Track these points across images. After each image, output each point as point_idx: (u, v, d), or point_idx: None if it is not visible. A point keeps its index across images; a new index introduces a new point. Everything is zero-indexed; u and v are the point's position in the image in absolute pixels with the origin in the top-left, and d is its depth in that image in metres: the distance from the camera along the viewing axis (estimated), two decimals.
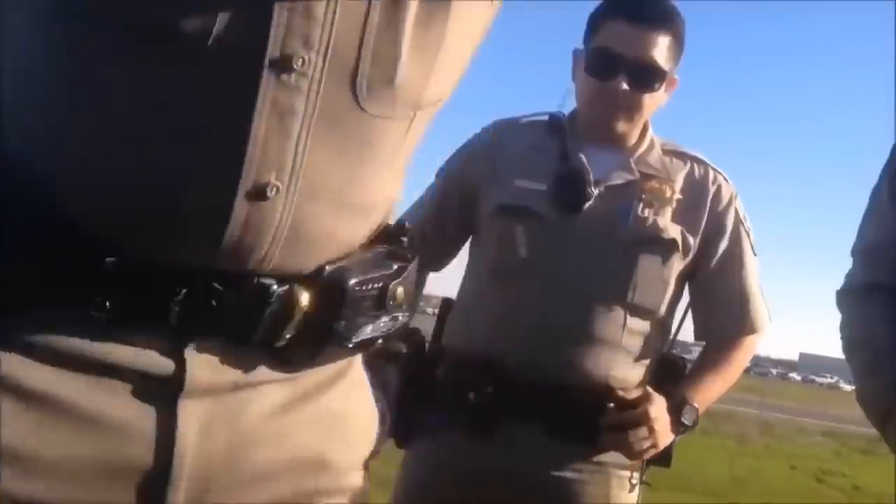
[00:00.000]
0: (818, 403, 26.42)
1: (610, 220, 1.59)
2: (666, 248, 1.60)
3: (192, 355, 0.68)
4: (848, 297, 1.55)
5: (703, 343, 1.74)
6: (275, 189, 0.65)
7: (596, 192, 1.59)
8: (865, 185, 1.60)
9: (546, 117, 1.72)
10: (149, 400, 0.67)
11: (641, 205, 1.60)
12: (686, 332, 1.74)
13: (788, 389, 38.03)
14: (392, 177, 0.78)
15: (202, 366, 0.69)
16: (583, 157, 1.62)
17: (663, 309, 1.64)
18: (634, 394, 1.57)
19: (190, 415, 0.68)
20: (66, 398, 0.65)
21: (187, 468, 0.68)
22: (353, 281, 0.74)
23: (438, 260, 1.78)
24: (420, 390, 1.62)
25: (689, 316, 1.72)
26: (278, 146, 0.65)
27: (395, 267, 0.79)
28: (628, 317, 1.58)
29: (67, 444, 0.65)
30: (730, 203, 1.68)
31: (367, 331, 0.77)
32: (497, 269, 1.63)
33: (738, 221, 1.68)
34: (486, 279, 1.66)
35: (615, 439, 1.55)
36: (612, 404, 1.55)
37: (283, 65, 0.63)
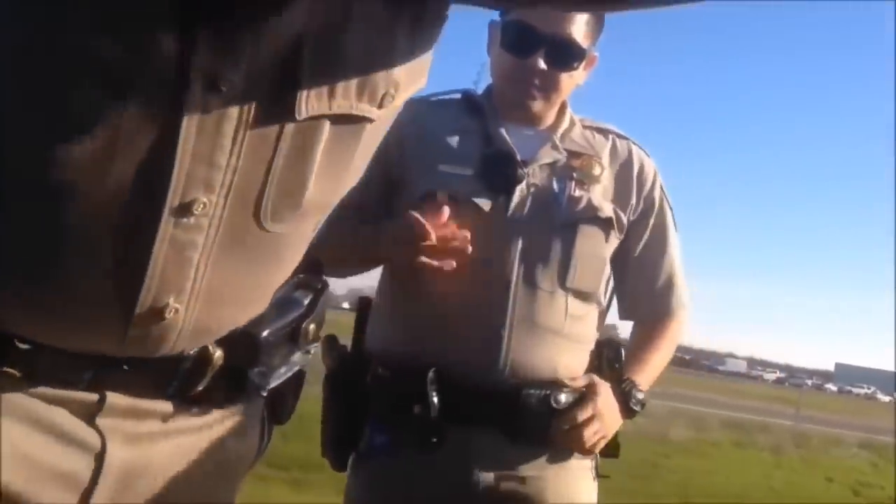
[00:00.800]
0: (855, 414, 26.00)
1: (543, 201, 1.52)
2: (602, 226, 1.56)
3: (111, 395, 0.71)
4: None
5: (625, 322, 1.70)
6: (173, 310, 0.67)
7: (527, 172, 1.52)
8: None
9: (459, 95, 1.64)
10: (79, 418, 0.70)
11: (573, 183, 1.55)
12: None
13: (824, 400, 37.49)
14: (303, 251, 0.80)
15: (120, 398, 0.72)
16: (506, 136, 1.55)
17: (600, 290, 1.60)
18: (581, 382, 1.52)
19: (112, 431, 0.71)
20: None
21: (114, 473, 0.72)
22: (265, 332, 0.77)
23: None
24: (351, 407, 1.52)
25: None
26: (177, 273, 0.66)
27: (307, 303, 0.83)
28: (570, 302, 1.53)
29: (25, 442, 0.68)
30: (655, 177, 1.64)
31: (281, 372, 0.81)
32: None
33: (662, 196, 1.64)
34: (410, 272, 1.48)
35: (567, 437, 1.50)
36: (563, 398, 1.49)
37: (183, 211, 0.63)
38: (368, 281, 1.66)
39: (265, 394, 0.81)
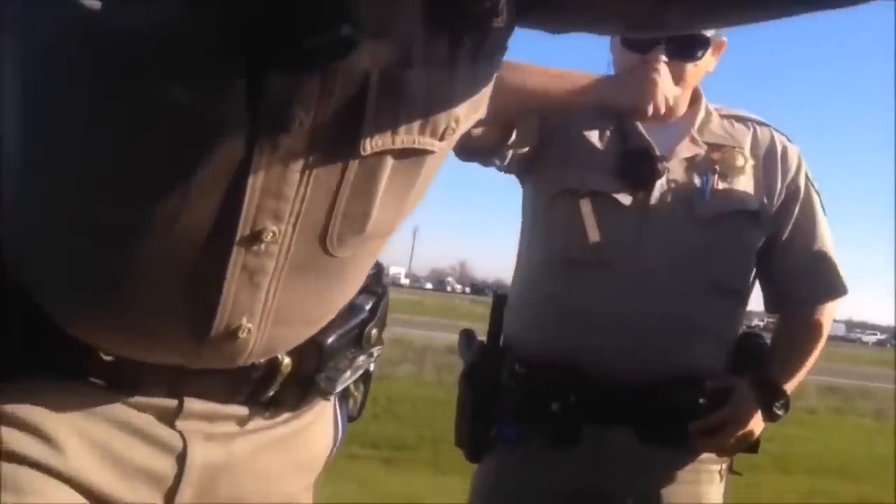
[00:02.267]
0: None
1: (685, 196, 1.48)
2: (749, 220, 1.50)
3: (188, 401, 0.76)
4: None
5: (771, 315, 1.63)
6: (246, 330, 0.71)
7: (667, 166, 1.48)
8: None
9: None
10: (159, 421, 0.75)
11: (716, 177, 1.49)
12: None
13: None
14: (368, 270, 0.83)
15: (197, 403, 0.76)
16: (643, 131, 1.51)
17: (745, 285, 1.54)
18: (721, 383, 1.46)
19: (191, 432, 0.76)
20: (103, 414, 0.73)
21: (196, 472, 0.76)
22: (331, 339, 0.82)
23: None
24: (488, 399, 1.52)
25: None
26: (249, 297, 0.69)
27: (368, 308, 0.87)
28: (713, 298, 1.47)
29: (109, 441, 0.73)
30: (799, 165, 1.57)
31: (346, 376, 0.84)
32: (566, 258, 1.50)
33: (808, 183, 1.57)
34: (551, 270, 1.52)
35: (708, 443, 1.46)
36: (702, 400, 1.44)
37: (253, 239, 0.66)
38: (448, 261, 1.66)
39: (331, 397, 0.86)
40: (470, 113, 0.75)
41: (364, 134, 0.67)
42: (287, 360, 0.79)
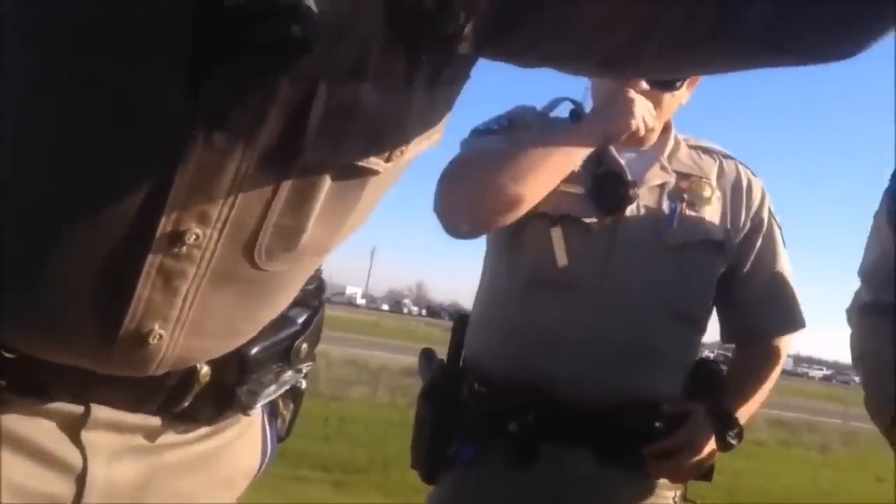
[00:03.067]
0: None
1: (653, 223, 1.49)
2: (712, 250, 1.52)
3: (95, 408, 0.72)
4: (855, 314, 1.52)
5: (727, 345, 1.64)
6: (158, 336, 0.67)
7: (637, 192, 1.49)
8: None
9: (567, 113, 1.60)
10: (62, 432, 0.71)
11: (684, 205, 1.51)
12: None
13: None
14: (298, 289, 0.80)
15: (105, 411, 0.72)
16: (617, 156, 1.52)
17: (705, 313, 1.56)
18: (678, 408, 1.47)
19: (96, 446, 0.72)
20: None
21: (97, 494, 0.71)
22: (255, 349, 0.77)
23: None
24: (447, 418, 1.51)
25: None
26: (163, 301, 0.66)
27: (301, 321, 0.83)
28: (675, 325, 1.49)
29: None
30: (763, 198, 1.59)
31: (270, 391, 0.80)
32: (533, 280, 1.49)
33: (771, 216, 1.59)
34: (517, 292, 1.51)
35: (661, 467, 1.46)
36: (658, 423, 1.45)
37: (175, 240, 0.63)
38: (405, 282, 1.68)
39: (251, 413, 0.81)
40: (422, 138, 0.72)
41: (305, 144, 0.63)
42: (206, 370, 0.74)
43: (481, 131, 1.58)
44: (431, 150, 0.76)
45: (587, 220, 1.48)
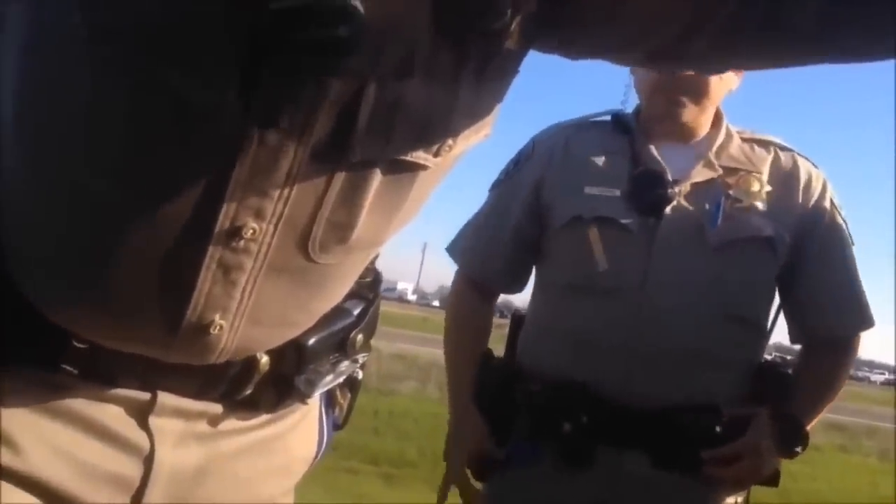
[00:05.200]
0: None
1: (696, 222, 1.45)
2: (762, 247, 1.46)
3: (162, 395, 0.75)
4: None
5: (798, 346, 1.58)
6: (218, 327, 0.70)
7: (677, 191, 1.45)
8: None
9: (609, 117, 1.59)
10: (129, 416, 0.74)
11: (729, 202, 1.45)
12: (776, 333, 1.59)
13: None
14: (353, 281, 0.81)
15: (171, 398, 0.75)
16: (656, 154, 1.48)
17: (762, 314, 1.51)
18: (740, 413, 1.43)
19: (162, 431, 0.75)
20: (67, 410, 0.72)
21: (163, 476, 0.75)
22: (312, 340, 0.80)
23: (519, 281, 1.66)
24: (499, 417, 1.51)
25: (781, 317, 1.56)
26: (223, 293, 0.68)
27: (356, 313, 0.85)
28: (726, 327, 1.44)
29: (70, 443, 0.72)
30: (823, 191, 1.52)
31: (327, 380, 0.82)
32: (574, 284, 1.48)
33: (833, 210, 1.52)
34: (561, 296, 1.51)
35: (721, 473, 1.42)
36: (719, 428, 1.41)
37: (233, 234, 0.65)
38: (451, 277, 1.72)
39: (309, 401, 0.83)
40: (470, 133, 0.73)
41: (355, 140, 0.65)
42: (265, 359, 0.77)
43: (499, 181, 1.65)
44: (482, 143, 0.76)
45: (625, 222, 1.45)
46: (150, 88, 0.60)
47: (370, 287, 0.88)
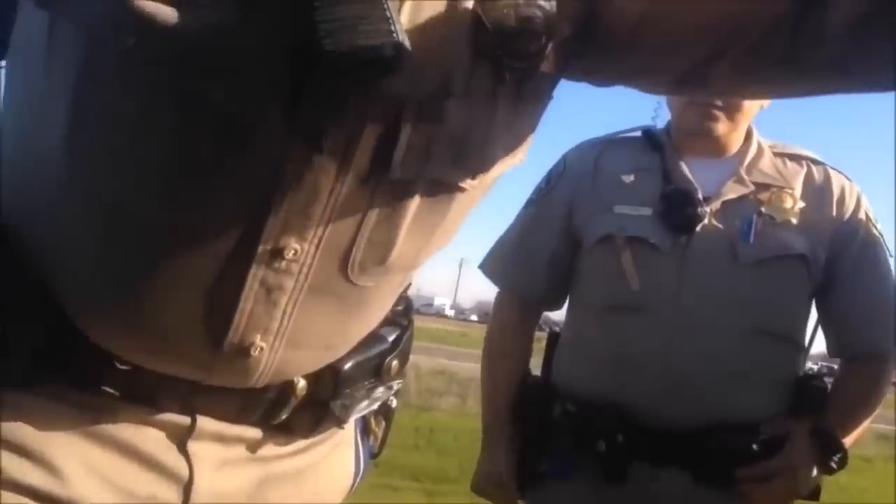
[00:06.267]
0: None
1: (728, 240, 1.44)
2: (795, 264, 1.45)
3: (201, 419, 0.75)
4: None
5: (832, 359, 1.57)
6: (259, 349, 0.70)
7: (708, 210, 1.44)
8: None
9: (639, 133, 1.59)
10: (169, 441, 0.75)
11: (762, 219, 1.44)
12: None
13: None
14: (389, 306, 0.82)
15: (210, 422, 0.76)
16: (687, 171, 1.47)
17: (798, 330, 1.49)
18: (777, 430, 1.42)
19: (200, 457, 0.75)
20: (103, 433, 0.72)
21: (203, 501, 0.75)
22: (348, 365, 0.80)
23: (559, 300, 1.67)
24: (535, 434, 1.52)
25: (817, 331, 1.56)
26: (265, 314, 0.69)
27: (391, 339, 0.85)
28: (761, 343, 1.43)
29: (109, 467, 0.72)
30: (857, 205, 1.51)
31: (363, 406, 0.83)
32: (607, 304, 1.49)
33: (869, 224, 1.50)
34: (595, 315, 1.51)
35: (758, 490, 1.41)
36: (756, 445, 1.40)
37: (275, 255, 0.66)
38: (494, 294, 1.72)
39: (345, 426, 0.84)
40: (507, 155, 0.74)
41: (396, 161, 0.66)
42: (302, 384, 0.78)
43: (532, 200, 1.65)
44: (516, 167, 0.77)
45: (656, 242, 1.45)
46: (196, 109, 0.61)
47: (403, 314, 0.89)
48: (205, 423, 0.76)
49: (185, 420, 0.75)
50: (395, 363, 0.86)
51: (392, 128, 0.65)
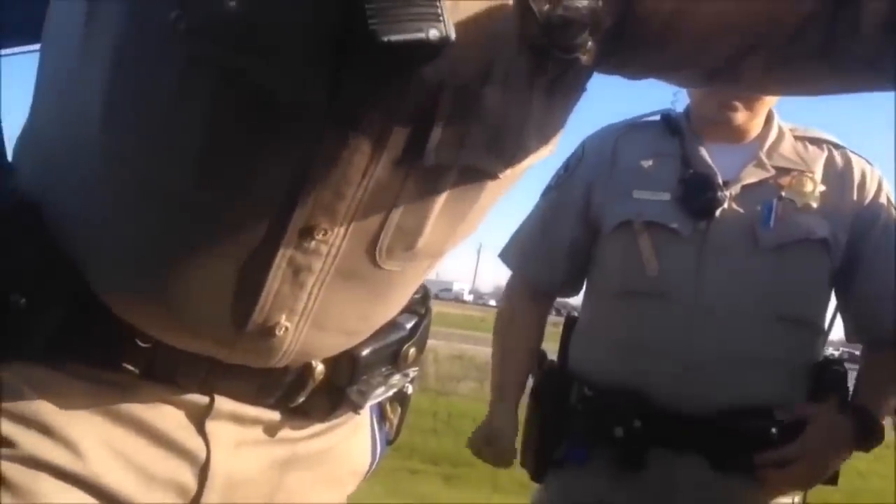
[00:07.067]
0: None
1: (748, 224, 1.43)
2: (816, 248, 1.43)
3: (219, 400, 0.76)
4: None
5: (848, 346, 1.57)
6: (283, 328, 0.70)
7: (727, 194, 1.43)
8: None
9: (658, 118, 1.58)
10: (187, 420, 0.75)
11: (782, 203, 1.43)
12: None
13: None
14: (411, 293, 0.83)
15: (228, 402, 0.76)
16: (706, 156, 1.46)
17: (818, 314, 1.48)
18: (796, 415, 1.41)
19: (218, 437, 0.76)
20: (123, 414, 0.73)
21: (219, 484, 0.75)
22: (366, 351, 0.80)
23: (576, 286, 1.67)
24: (553, 420, 1.52)
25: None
26: (291, 294, 0.69)
27: (409, 327, 0.85)
28: (780, 328, 1.42)
29: (125, 443, 0.73)
30: (878, 189, 1.49)
31: (379, 392, 0.83)
32: (625, 290, 1.48)
33: (889, 208, 1.49)
34: (613, 301, 1.51)
35: (776, 476, 1.40)
36: (774, 430, 1.40)
37: (305, 234, 0.66)
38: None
39: (361, 412, 0.85)
40: (539, 145, 0.74)
41: (430, 144, 0.66)
42: (320, 368, 0.79)
43: (551, 187, 1.65)
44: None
45: (675, 226, 1.44)
46: (236, 85, 0.62)
47: (421, 302, 0.89)
48: (223, 403, 0.76)
49: (203, 400, 0.76)
50: (412, 351, 0.86)
51: (430, 111, 0.65)
